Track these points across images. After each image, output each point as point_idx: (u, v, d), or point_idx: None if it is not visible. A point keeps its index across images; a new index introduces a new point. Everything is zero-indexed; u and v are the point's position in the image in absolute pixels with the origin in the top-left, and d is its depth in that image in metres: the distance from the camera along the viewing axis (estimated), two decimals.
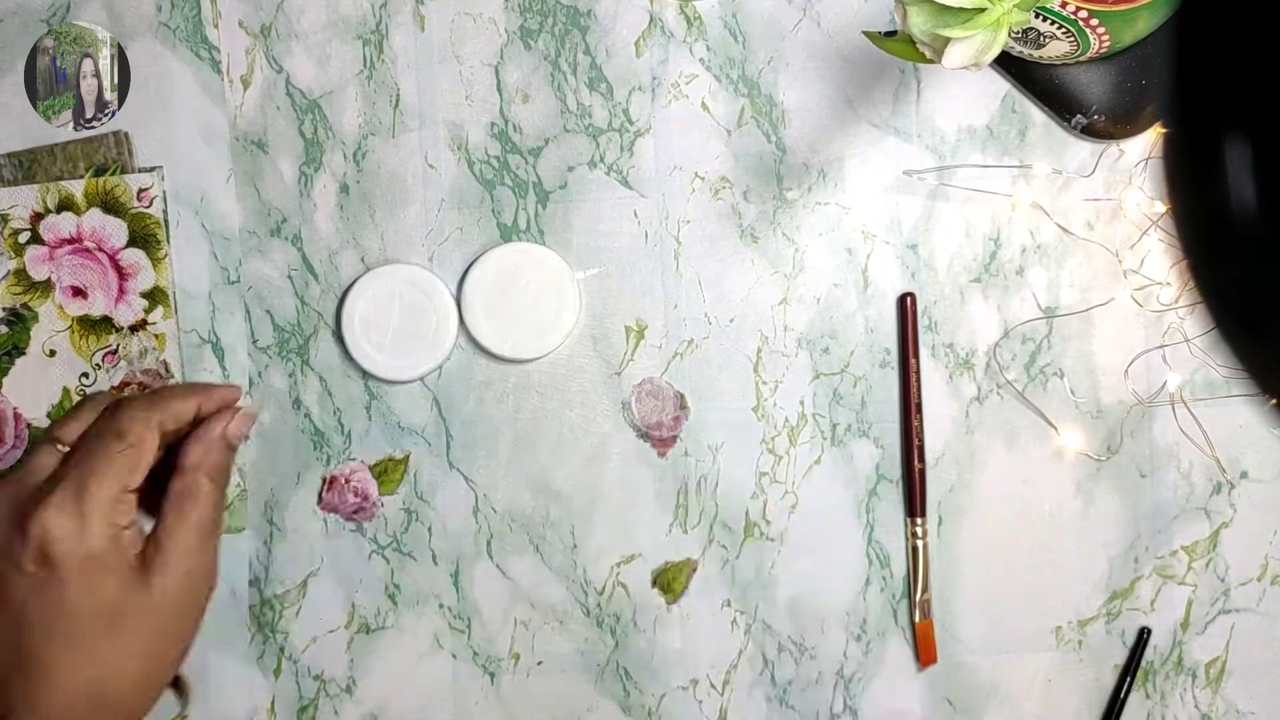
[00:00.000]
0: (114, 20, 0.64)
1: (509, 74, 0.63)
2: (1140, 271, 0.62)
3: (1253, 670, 0.64)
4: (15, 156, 0.64)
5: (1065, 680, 0.64)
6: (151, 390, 0.59)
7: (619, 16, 0.63)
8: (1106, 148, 0.62)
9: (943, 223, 0.63)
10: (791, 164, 0.63)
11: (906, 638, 0.64)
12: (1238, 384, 0.62)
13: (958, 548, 0.64)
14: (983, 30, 0.47)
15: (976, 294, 0.63)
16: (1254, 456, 0.63)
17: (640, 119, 0.63)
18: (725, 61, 0.63)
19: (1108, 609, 0.64)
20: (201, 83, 0.64)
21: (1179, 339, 0.62)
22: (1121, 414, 0.63)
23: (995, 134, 0.63)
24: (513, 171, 0.64)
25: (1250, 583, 0.63)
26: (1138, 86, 0.60)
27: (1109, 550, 0.64)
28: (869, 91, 0.63)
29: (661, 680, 0.65)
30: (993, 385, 0.63)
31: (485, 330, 0.63)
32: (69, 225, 0.64)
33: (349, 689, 0.65)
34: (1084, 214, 0.62)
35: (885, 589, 0.64)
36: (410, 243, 0.64)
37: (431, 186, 0.64)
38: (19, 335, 0.64)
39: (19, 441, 0.64)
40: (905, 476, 0.63)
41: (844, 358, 0.64)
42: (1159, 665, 0.64)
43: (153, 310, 0.64)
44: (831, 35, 0.63)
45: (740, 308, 0.64)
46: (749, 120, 0.63)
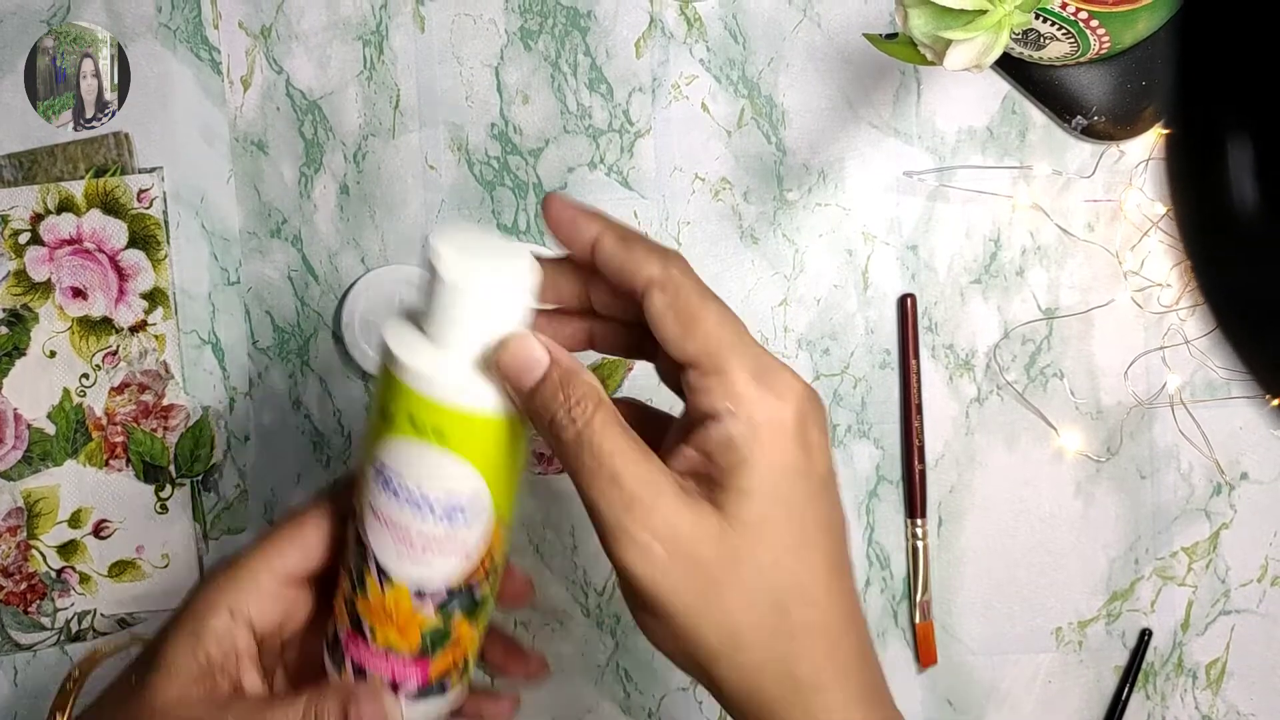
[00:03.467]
0: (114, 21, 0.64)
1: (509, 75, 0.63)
2: (1140, 273, 0.62)
3: (1253, 671, 0.64)
4: (15, 157, 0.64)
5: (1065, 681, 0.64)
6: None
7: (619, 18, 0.63)
8: (1107, 149, 0.62)
9: (943, 224, 0.63)
10: (792, 165, 0.63)
11: (907, 639, 0.64)
12: (1238, 385, 0.62)
13: (958, 549, 0.64)
14: (984, 32, 0.47)
15: (977, 295, 0.63)
16: (1254, 458, 0.63)
17: (640, 120, 0.63)
18: (725, 63, 0.63)
19: (1108, 610, 0.64)
20: (202, 84, 0.64)
21: (1179, 340, 0.62)
22: (1121, 415, 0.63)
23: (995, 135, 0.63)
24: (513, 172, 0.64)
25: (1250, 584, 0.63)
26: (1138, 87, 0.60)
27: (1109, 551, 0.64)
28: (869, 93, 0.63)
29: (662, 681, 0.65)
30: (993, 386, 0.63)
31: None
32: (69, 226, 0.64)
33: None
34: (1084, 215, 0.63)
35: (885, 590, 0.64)
36: (410, 243, 0.64)
37: (431, 187, 0.64)
38: (19, 336, 0.64)
39: (19, 442, 0.64)
40: (905, 477, 0.63)
41: (844, 359, 0.64)
42: (1159, 666, 0.64)
43: (153, 311, 0.64)
44: (832, 36, 0.63)
45: (740, 308, 0.64)
46: (749, 121, 0.63)
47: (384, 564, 0.45)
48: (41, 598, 0.65)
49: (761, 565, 0.41)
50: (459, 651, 0.47)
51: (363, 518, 0.45)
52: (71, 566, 0.65)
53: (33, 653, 0.65)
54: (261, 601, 0.47)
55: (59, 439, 0.65)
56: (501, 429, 0.43)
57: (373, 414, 0.45)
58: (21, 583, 0.65)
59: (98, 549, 0.65)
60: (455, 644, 0.47)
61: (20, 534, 0.65)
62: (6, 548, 0.65)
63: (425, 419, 0.43)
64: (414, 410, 0.43)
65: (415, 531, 0.44)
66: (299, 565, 0.48)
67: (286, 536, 0.48)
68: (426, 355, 0.43)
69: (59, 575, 0.65)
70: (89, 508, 0.65)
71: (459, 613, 0.46)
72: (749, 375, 0.42)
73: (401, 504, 0.44)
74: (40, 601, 0.65)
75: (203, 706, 0.46)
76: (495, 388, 0.43)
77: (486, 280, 0.42)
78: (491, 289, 0.42)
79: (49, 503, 0.65)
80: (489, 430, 0.43)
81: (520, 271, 0.43)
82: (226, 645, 0.47)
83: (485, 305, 0.42)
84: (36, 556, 0.65)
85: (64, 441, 0.65)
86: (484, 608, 0.47)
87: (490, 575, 0.46)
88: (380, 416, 0.44)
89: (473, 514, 0.44)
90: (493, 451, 0.44)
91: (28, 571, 0.65)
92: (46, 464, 0.65)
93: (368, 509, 0.45)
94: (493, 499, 0.44)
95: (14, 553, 0.65)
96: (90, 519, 0.65)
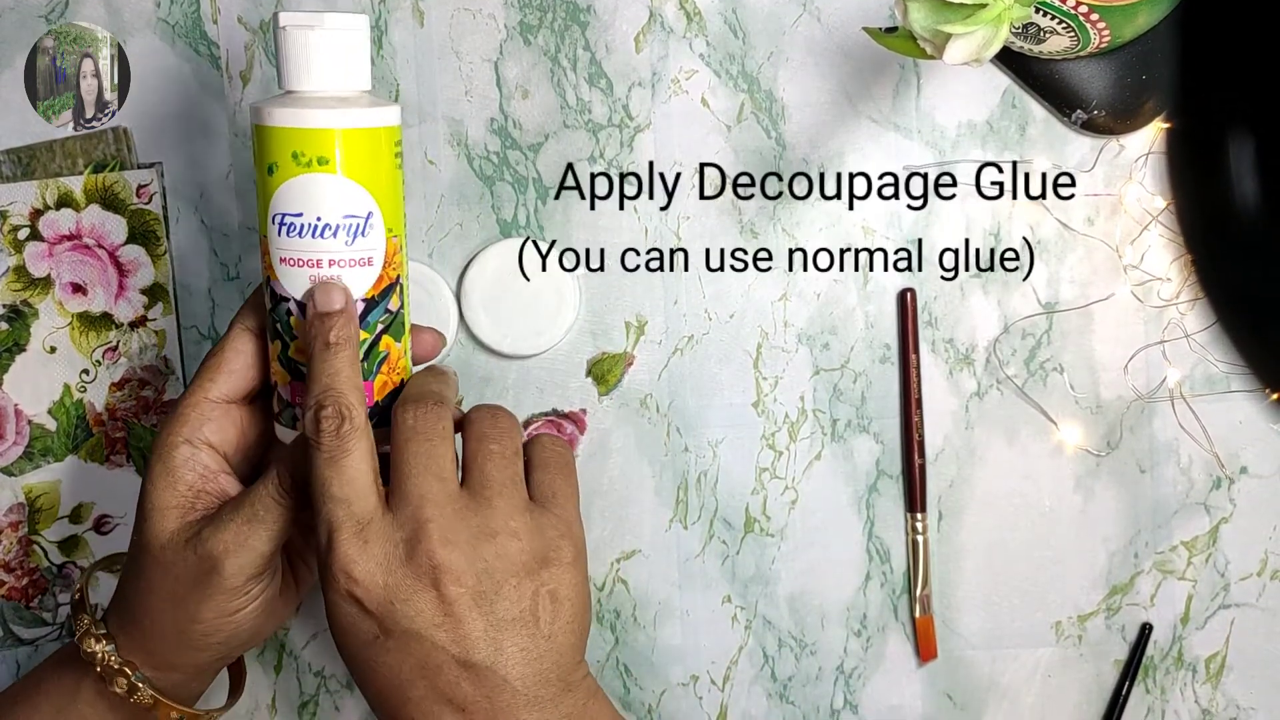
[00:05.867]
0: (113, 16, 0.64)
1: (508, 69, 0.63)
2: (1140, 267, 0.62)
3: (1253, 665, 0.64)
4: (14, 153, 0.64)
5: (1065, 675, 0.64)
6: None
7: (619, 12, 0.63)
8: (1106, 143, 0.62)
9: (943, 218, 0.63)
10: (791, 159, 0.63)
11: (907, 633, 0.64)
12: (1237, 379, 0.62)
13: (958, 543, 0.64)
14: (984, 26, 0.47)
15: (976, 289, 0.63)
16: (1254, 452, 0.63)
17: (640, 114, 0.63)
18: (725, 57, 0.63)
19: (1107, 604, 0.64)
20: (201, 79, 0.64)
21: (1179, 334, 0.62)
22: (1121, 409, 0.63)
23: (995, 129, 0.63)
24: (512, 167, 0.64)
25: (1250, 578, 0.64)
26: (1138, 81, 0.60)
27: (1109, 545, 0.64)
28: (869, 87, 0.63)
29: (661, 677, 0.65)
30: (993, 381, 0.63)
31: (485, 326, 0.63)
32: (68, 222, 0.64)
33: (350, 685, 0.65)
34: (1084, 209, 0.63)
35: (885, 584, 0.64)
36: (410, 239, 0.64)
37: (431, 182, 0.64)
38: (19, 332, 0.64)
39: (19, 438, 0.64)
40: (905, 472, 0.63)
41: (844, 353, 0.64)
42: (1159, 660, 0.64)
43: (152, 306, 0.64)
44: (831, 31, 0.63)
45: (740, 304, 0.64)
46: (749, 116, 0.63)
47: (303, 299, 0.52)
48: (43, 593, 0.65)
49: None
50: (392, 371, 0.54)
51: (274, 273, 0.52)
52: (73, 562, 0.65)
53: (35, 647, 0.65)
54: (211, 425, 0.54)
55: (60, 434, 0.65)
56: (373, 142, 0.51)
57: (259, 178, 0.52)
58: (23, 578, 0.65)
59: (99, 544, 0.65)
60: (388, 360, 0.53)
61: (22, 529, 0.65)
62: (8, 543, 0.65)
63: (308, 150, 0.50)
64: (297, 147, 0.50)
65: (325, 258, 0.51)
66: (234, 387, 0.54)
67: (213, 366, 0.54)
68: (291, 99, 0.51)
69: (60, 570, 0.65)
70: (90, 503, 0.65)
71: (380, 326, 0.53)
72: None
73: (304, 238, 0.51)
74: (42, 596, 0.65)
75: (200, 523, 0.53)
76: (360, 102, 0.51)
77: (325, 21, 0.50)
78: (329, 24, 0.50)
79: (50, 498, 0.65)
80: (362, 145, 0.51)
81: (351, 15, 0.51)
82: (199, 469, 0.54)
83: (327, 38, 0.50)
84: (38, 552, 0.65)
85: (65, 437, 0.65)
86: (401, 323, 0.54)
87: (398, 288, 0.53)
88: (267, 173, 0.51)
89: (369, 225, 0.51)
90: (370, 164, 0.51)
91: (29, 567, 0.65)
92: (47, 459, 0.65)
93: (276, 262, 0.52)
94: (383, 213, 0.52)
95: (15, 548, 0.65)
96: (91, 514, 0.65)
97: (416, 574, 0.49)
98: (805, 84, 0.63)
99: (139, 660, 0.54)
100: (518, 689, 0.49)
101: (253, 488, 0.53)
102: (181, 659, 0.54)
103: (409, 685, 0.49)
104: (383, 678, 0.49)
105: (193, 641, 0.54)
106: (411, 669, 0.49)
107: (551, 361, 0.64)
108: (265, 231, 0.52)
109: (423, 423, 0.51)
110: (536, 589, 0.50)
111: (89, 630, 0.54)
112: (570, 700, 0.51)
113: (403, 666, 0.49)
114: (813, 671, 0.64)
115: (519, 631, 0.50)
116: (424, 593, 0.49)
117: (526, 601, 0.50)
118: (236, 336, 0.55)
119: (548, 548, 0.51)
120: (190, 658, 0.54)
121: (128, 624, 0.54)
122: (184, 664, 0.55)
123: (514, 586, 0.50)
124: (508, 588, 0.50)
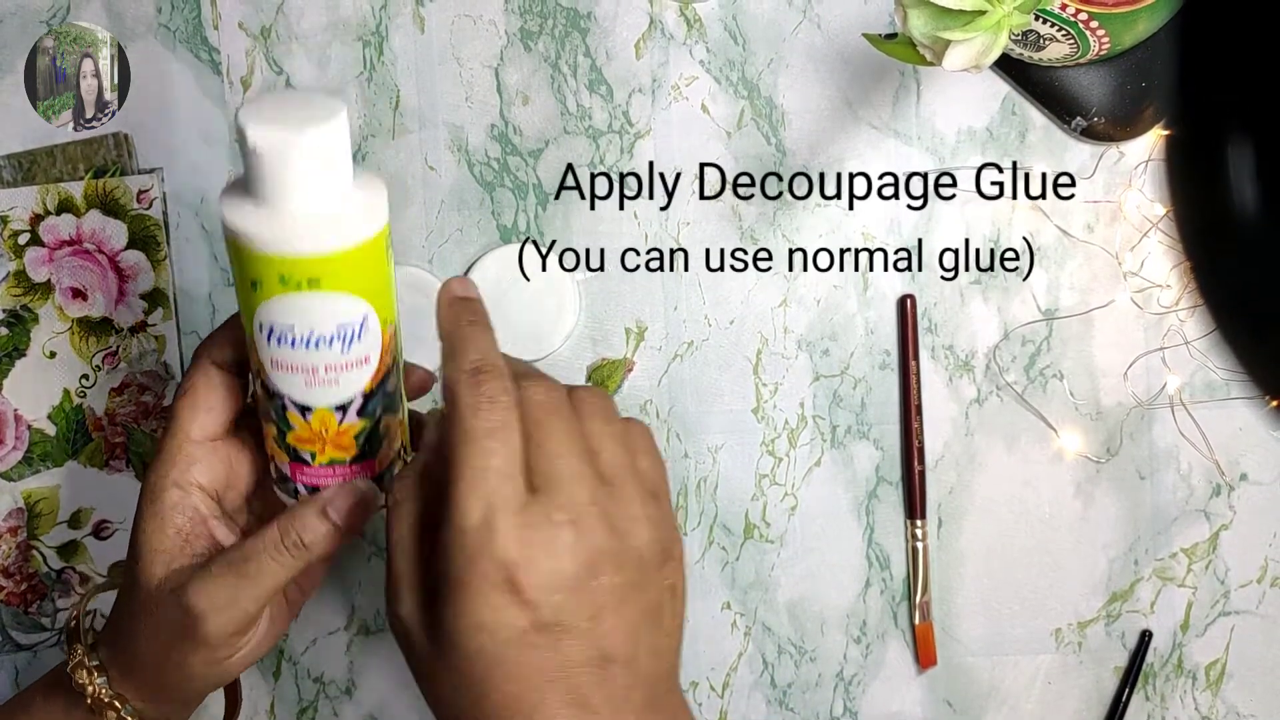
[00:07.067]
0: (114, 21, 0.64)
1: (509, 76, 0.63)
2: (1140, 274, 0.62)
3: (1253, 672, 0.64)
4: (15, 158, 0.64)
5: (1065, 682, 0.64)
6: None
7: (619, 19, 0.63)
8: (1106, 150, 0.62)
9: (942, 225, 0.63)
10: (791, 166, 0.63)
11: (906, 640, 0.64)
12: (1237, 386, 0.62)
13: (957, 550, 0.64)
14: (983, 33, 0.47)
15: (976, 296, 0.63)
16: (1254, 459, 0.63)
17: (640, 121, 0.63)
18: (725, 64, 0.63)
19: (1107, 611, 0.64)
20: (201, 84, 0.64)
21: (1179, 341, 0.62)
22: (1121, 416, 0.63)
23: (995, 136, 0.63)
24: (513, 173, 0.64)
25: (1250, 585, 0.63)
26: (1137, 89, 0.60)
27: (1108, 552, 0.64)
28: (869, 94, 0.63)
29: None
30: (993, 387, 0.63)
31: None
32: (69, 227, 0.64)
33: (349, 691, 0.65)
34: (1084, 216, 0.63)
35: (885, 591, 0.64)
36: (410, 244, 0.64)
37: (431, 188, 0.64)
38: (19, 337, 0.64)
39: (19, 443, 0.64)
40: (905, 478, 0.63)
41: (844, 360, 0.64)
42: (1159, 667, 0.64)
43: (153, 312, 0.64)
44: (831, 37, 0.63)
45: (740, 309, 0.64)
46: (749, 122, 0.63)
47: (301, 401, 0.49)
48: (42, 598, 0.65)
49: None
50: (393, 442, 0.52)
51: (266, 372, 0.49)
52: (72, 567, 0.65)
53: (33, 653, 0.65)
54: (200, 466, 0.52)
55: (59, 440, 0.65)
56: (365, 253, 0.47)
57: (240, 287, 0.48)
58: (22, 583, 0.65)
59: (98, 550, 0.65)
60: (388, 435, 0.52)
61: (21, 534, 0.65)
62: (7, 548, 0.65)
63: (295, 275, 0.46)
64: (283, 271, 0.46)
65: (321, 366, 0.48)
66: (213, 424, 0.52)
67: (187, 406, 0.52)
68: (272, 220, 0.46)
69: (59, 576, 0.65)
70: (89, 508, 0.65)
71: (380, 409, 0.51)
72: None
73: (299, 349, 0.48)
74: (40, 602, 0.65)
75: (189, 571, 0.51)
76: (349, 216, 0.47)
77: (303, 135, 0.45)
78: (308, 139, 0.45)
79: (49, 503, 0.65)
80: (354, 260, 0.47)
81: (329, 117, 0.45)
82: (188, 513, 0.52)
83: (307, 154, 0.45)
84: (37, 557, 0.65)
85: (64, 442, 0.65)
86: (398, 396, 0.52)
87: (394, 369, 0.51)
88: (250, 288, 0.47)
89: (364, 329, 0.48)
90: (362, 274, 0.48)
91: (28, 572, 0.65)
92: (47, 464, 0.65)
93: (268, 364, 0.49)
94: (377, 310, 0.49)
95: (14, 553, 0.65)
96: (90, 520, 0.65)
97: (576, 563, 0.44)
98: (805, 90, 0.63)
99: (130, 693, 0.53)
100: (644, 688, 0.46)
101: (248, 543, 0.50)
102: (173, 694, 0.53)
103: (548, 686, 0.44)
104: (516, 680, 0.44)
105: (182, 682, 0.52)
106: (555, 667, 0.44)
107: (552, 367, 0.64)
108: (252, 334, 0.49)
109: (551, 399, 0.47)
110: (662, 583, 0.47)
111: (81, 662, 0.53)
112: (672, 702, 0.48)
113: (547, 664, 0.44)
114: (812, 678, 0.64)
115: (648, 628, 0.46)
116: (587, 582, 0.44)
117: (654, 595, 0.46)
118: (204, 371, 0.52)
119: (669, 540, 0.47)
120: (181, 694, 0.53)
121: (119, 655, 0.53)
122: (176, 698, 0.54)
123: (650, 580, 0.46)
124: (646, 580, 0.46)
